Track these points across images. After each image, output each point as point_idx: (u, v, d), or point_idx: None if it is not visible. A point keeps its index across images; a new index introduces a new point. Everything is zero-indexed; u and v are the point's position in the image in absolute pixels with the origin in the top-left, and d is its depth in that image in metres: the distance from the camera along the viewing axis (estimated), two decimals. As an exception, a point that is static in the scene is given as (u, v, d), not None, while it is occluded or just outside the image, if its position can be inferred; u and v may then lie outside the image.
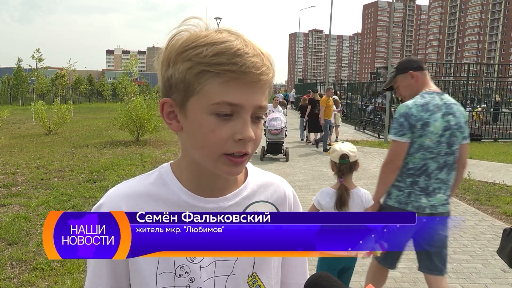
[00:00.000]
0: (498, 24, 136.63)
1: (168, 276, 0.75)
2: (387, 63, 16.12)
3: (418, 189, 2.53)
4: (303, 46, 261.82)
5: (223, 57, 0.66)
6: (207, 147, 0.70)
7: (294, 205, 0.90)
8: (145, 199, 0.77)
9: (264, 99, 0.72)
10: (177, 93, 0.71)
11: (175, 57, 0.70)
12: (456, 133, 2.48)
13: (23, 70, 37.18)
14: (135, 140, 12.35)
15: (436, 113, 2.45)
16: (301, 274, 0.92)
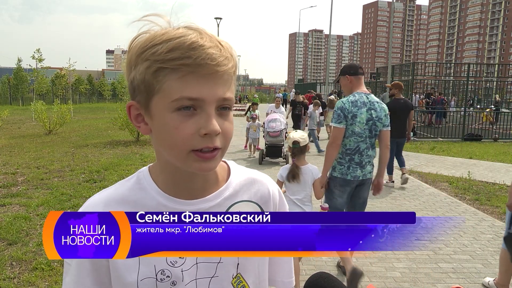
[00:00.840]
0: (498, 24, 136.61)
1: (149, 281, 0.74)
2: (387, 63, 16.11)
3: (354, 164, 3.44)
4: (303, 46, 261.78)
5: (177, 52, 0.66)
6: (175, 146, 0.69)
7: (279, 203, 0.88)
8: (123, 205, 0.76)
9: (227, 90, 0.70)
10: (140, 95, 0.71)
11: (135, 59, 0.70)
12: (376, 123, 3.42)
13: (23, 70, 37.18)
14: (135, 140, 12.36)
15: (362, 108, 3.37)
16: (287, 273, 0.92)
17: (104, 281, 0.76)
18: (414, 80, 14.85)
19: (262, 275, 0.84)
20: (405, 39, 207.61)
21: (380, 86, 18.22)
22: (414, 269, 3.89)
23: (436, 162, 9.86)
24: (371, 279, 3.66)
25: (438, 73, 19.45)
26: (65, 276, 0.77)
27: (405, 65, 16.70)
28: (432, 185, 7.41)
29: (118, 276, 0.75)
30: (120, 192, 0.78)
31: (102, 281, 0.76)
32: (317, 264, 3.91)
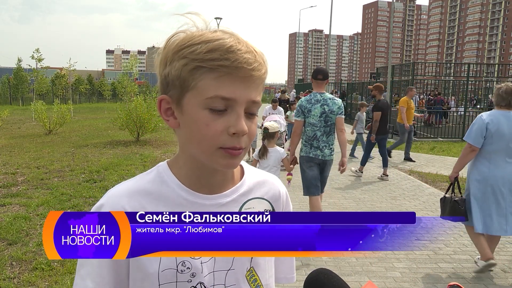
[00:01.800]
0: (498, 24, 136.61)
1: (170, 272, 0.76)
2: (387, 63, 16.11)
3: (314, 147, 4.46)
4: (303, 46, 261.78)
5: (216, 53, 0.69)
6: (203, 141, 0.72)
7: (286, 203, 0.93)
8: (146, 197, 0.78)
9: (258, 94, 0.74)
10: (173, 90, 0.74)
11: (172, 56, 0.73)
12: (329, 115, 4.39)
13: (23, 70, 37.14)
14: (135, 140, 12.35)
15: (315, 104, 4.41)
16: (289, 268, 0.97)
17: (122, 271, 0.77)
18: (414, 80, 14.85)
19: (270, 271, 0.88)
20: (405, 39, 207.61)
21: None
22: (414, 269, 3.89)
23: (436, 162, 9.86)
24: (371, 279, 3.67)
25: (438, 73, 19.46)
26: (81, 269, 0.77)
27: (405, 65, 16.72)
28: (432, 185, 7.41)
29: (139, 266, 0.76)
30: (141, 184, 0.80)
31: (120, 271, 0.77)
32: (317, 264, 3.91)
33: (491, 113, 3.72)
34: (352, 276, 3.70)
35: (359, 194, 6.67)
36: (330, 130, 4.45)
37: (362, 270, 3.83)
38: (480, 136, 3.60)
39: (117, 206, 0.76)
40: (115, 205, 0.76)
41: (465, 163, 3.80)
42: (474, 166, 3.73)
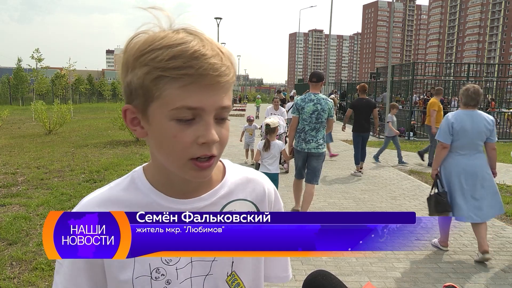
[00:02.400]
0: (498, 24, 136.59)
1: (144, 279, 0.74)
2: (387, 63, 16.11)
3: (301, 140, 5.12)
4: (303, 46, 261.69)
5: (179, 61, 0.65)
6: (172, 153, 0.69)
7: (275, 202, 0.88)
8: (117, 206, 0.76)
9: (227, 99, 0.70)
10: (137, 99, 0.69)
11: (133, 62, 0.68)
12: (321, 113, 5.02)
13: (23, 70, 37.16)
14: (135, 140, 12.35)
15: (308, 103, 5.04)
16: (282, 267, 0.92)
17: (99, 279, 0.76)
18: (414, 80, 14.85)
19: (257, 273, 0.84)
20: (405, 39, 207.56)
21: (380, 86, 18.22)
22: (414, 269, 3.89)
23: (436, 162, 9.85)
24: (371, 279, 3.67)
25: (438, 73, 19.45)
26: (56, 275, 0.76)
27: (405, 65, 16.72)
28: (432, 185, 7.40)
29: (113, 273, 0.74)
30: (113, 193, 0.78)
31: (97, 279, 0.76)
32: (317, 264, 3.91)
33: (456, 113, 4.11)
34: (352, 276, 3.70)
35: (359, 194, 6.67)
36: (320, 127, 5.10)
37: (362, 270, 3.83)
38: (448, 134, 4.00)
39: None
40: None
41: (440, 160, 4.16)
42: (445, 164, 4.13)
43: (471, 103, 4.03)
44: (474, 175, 3.96)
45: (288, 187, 6.58)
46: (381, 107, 18.13)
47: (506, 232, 4.98)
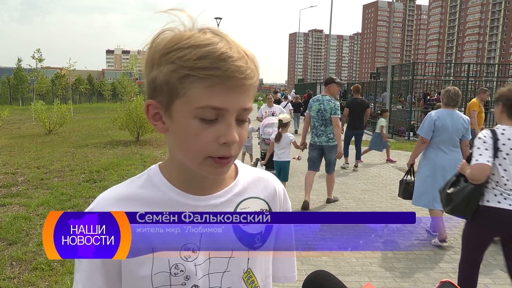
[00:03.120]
0: (498, 24, 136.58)
1: (163, 275, 0.74)
2: (387, 63, 16.11)
3: (314, 134, 5.86)
4: (303, 46, 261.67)
5: (207, 61, 0.66)
6: (192, 150, 0.71)
7: (284, 201, 0.91)
8: (135, 203, 0.76)
9: (249, 101, 0.72)
10: (162, 95, 0.71)
11: (159, 58, 0.69)
12: (323, 112, 5.70)
13: (23, 70, 37.16)
14: (135, 140, 12.35)
15: (315, 102, 5.81)
16: (289, 268, 0.94)
17: (113, 276, 0.76)
18: (414, 80, 14.85)
19: (267, 271, 0.86)
20: (405, 39, 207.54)
21: (380, 86, 18.22)
22: (414, 269, 3.89)
23: (436, 162, 9.84)
24: (371, 279, 3.67)
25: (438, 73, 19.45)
26: (76, 273, 0.77)
27: (405, 65, 16.71)
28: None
29: (131, 270, 0.75)
30: (131, 190, 0.78)
31: (111, 277, 0.76)
32: (317, 264, 3.92)
33: (438, 111, 4.47)
34: (352, 276, 3.70)
35: (359, 194, 6.67)
36: (326, 123, 5.74)
37: (362, 270, 3.83)
38: (430, 130, 4.36)
39: (105, 209, 0.75)
40: (103, 208, 0.75)
41: (418, 152, 4.59)
42: (424, 155, 4.51)
43: (451, 103, 4.37)
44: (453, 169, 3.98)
45: (290, 187, 6.58)
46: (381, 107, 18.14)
47: (506, 232, 4.98)
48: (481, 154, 2.65)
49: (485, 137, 2.68)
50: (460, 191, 2.80)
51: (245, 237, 0.80)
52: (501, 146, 2.65)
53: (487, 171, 2.63)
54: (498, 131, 2.69)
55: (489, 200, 2.70)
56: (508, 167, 2.64)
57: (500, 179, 2.66)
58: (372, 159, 9.88)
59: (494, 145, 2.66)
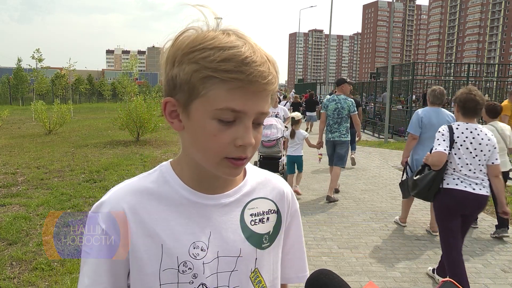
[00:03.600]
0: (498, 24, 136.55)
1: (171, 272, 0.74)
2: (387, 63, 16.10)
3: (328, 131, 6.32)
4: (303, 46, 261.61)
5: (231, 64, 0.66)
6: (209, 151, 0.71)
7: (292, 203, 0.92)
8: (147, 197, 0.77)
9: (267, 105, 0.73)
10: (181, 94, 0.71)
11: (181, 57, 0.70)
12: (341, 110, 6.17)
13: (23, 70, 37.14)
14: (135, 140, 12.35)
15: (331, 102, 6.26)
16: (301, 268, 0.95)
17: (121, 273, 0.76)
18: (414, 80, 14.85)
19: (275, 272, 0.87)
20: (405, 39, 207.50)
21: (380, 86, 18.22)
22: (414, 269, 3.89)
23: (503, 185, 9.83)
24: (371, 279, 3.66)
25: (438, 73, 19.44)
26: (83, 266, 0.76)
27: (405, 65, 16.71)
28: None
29: (140, 266, 0.75)
30: (144, 184, 0.79)
31: (117, 271, 0.76)
32: (317, 264, 3.91)
33: (425, 109, 4.79)
34: (352, 276, 3.70)
35: (359, 194, 6.67)
36: (341, 121, 6.22)
37: (362, 270, 3.83)
38: (418, 127, 4.68)
39: (118, 204, 0.75)
40: (116, 203, 0.75)
41: (410, 149, 4.80)
42: (414, 151, 4.78)
43: (436, 101, 4.73)
44: None
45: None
46: (381, 107, 18.14)
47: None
48: (439, 144, 3.18)
49: (443, 131, 3.23)
50: (424, 177, 3.34)
51: (253, 237, 0.80)
52: (456, 138, 3.19)
53: (444, 158, 3.15)
54: (453, 127, 3.23)
55: (449, 183, 3.22)
56: (461, 156, 3.17)
57: (456, 166, 3.19)
58: (372, 159, 9.88)
59: (450, 137, 3.19)
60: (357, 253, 4.23)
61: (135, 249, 0.74)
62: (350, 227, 5.00)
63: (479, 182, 3.17)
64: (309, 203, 6.11)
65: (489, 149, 3.18)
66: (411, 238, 4.70)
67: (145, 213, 0.75)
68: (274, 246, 0.84)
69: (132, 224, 0.74)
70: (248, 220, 0.81)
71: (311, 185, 7.26)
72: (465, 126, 3.21)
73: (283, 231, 0.88)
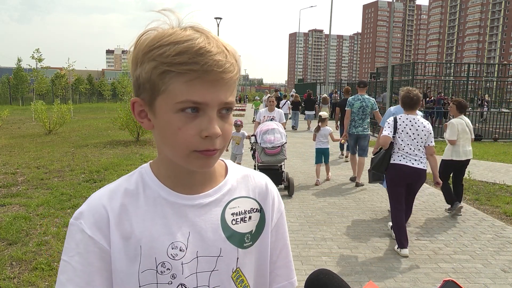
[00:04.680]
0: (498, 24, 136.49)
1: (150, 273, 0.74)
2: (387, 63, 16.10)
3: (352, 126, 7.38)
4: (303, 46, 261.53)
5: (185, 56, 0.67)
6: (177, 145, 0.71)
7: (278, 203, 0.90)
8: (127, 199, 0.77)
9: (230, 95, 0.72)
10: (145, 93, 0.72)
11: (142, 57, 0.71)
12: (365, 107, 7.22)
13: (23, 70, 37.15)
14: (135, 140, 12.35)
15: (357, 101, 7.27)
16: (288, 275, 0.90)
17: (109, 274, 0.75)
18: (414, 80, 14.85)
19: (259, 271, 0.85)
20: (405, 39, 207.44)
21: (380, 86, 18.21)
22: (414, 269, 3.89)
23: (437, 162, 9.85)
24: (371, 279, 3.66)
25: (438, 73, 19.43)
26: (60, 275, 0.73)
27: (405, 65, 16.69)
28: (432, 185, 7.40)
29: (119, 267, 0.74)
30: (124, 186, 0.79)
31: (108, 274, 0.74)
32: (317, 264, 3.91)
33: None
34: (352, 276, 3.70)
35: (359, 194, 6.67)
36: (365, 117, 7.28)
37: (362, 270, 3.83)
38: None
39: (101, 208, 0.75)
40: (99, 207, 0.75)
41: None
42: None
43: None
44: None
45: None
46: (381, 107, 18.13)
47: (506, 232, 4.98)
48: (385, 130, 4.35)
49: (390, 121, 4.36)
50: (378, 155, 4.49)
51: (235, 236, 0.79)
52: (399, 126, 4.33)
53: (388, 140, 4.28)
54: (397, 117, 4.39)
55: (394, 160, 4.32)
56: (403, 139, 4.28)
57: (400, 146, 4.29)
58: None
59: (395, 125, 4.33)
60: (357, 253, 4.23)
61: (115, 251, 0.73)
62: (350, 227, 5.00)
63: (418, 158, 4.24)
64: (309, 203, 6.10)
65: (425, 134, 4.28)
66: (411, 238, 4.70)
67: (125, 215, 0.75)
68: (257, 245, 0.83)
69: (114, 227, 0.74)
70: (230, 219, 0.80)
71: (310, 186, 7.25)
72: (406, 117, 4.34)
73: (268, 230, 0.86)
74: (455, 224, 5.24)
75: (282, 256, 0.89)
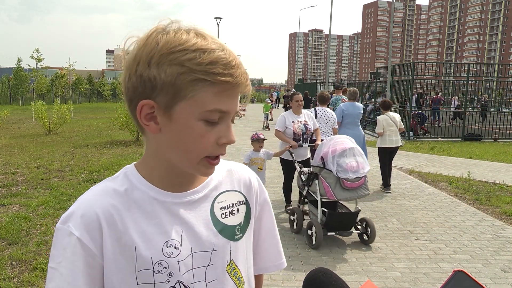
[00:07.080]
0: (498, 24, 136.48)
1: (146, 273, 0.74)
2: (387, 63, 16.10)
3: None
4: (303, 46, 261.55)
5: (219, 68, 0.68)
6: (193, 151, 0.72)
7: (260, 192, 0.93)
8: (117, 200, 0.76)
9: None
10: (162, 96, 0.69)
11: (159, 58, 0.68)
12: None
13: (23, 70, 37.14)
14: (135, 140, 12.35)
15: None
16: (276, 256, 0.96)
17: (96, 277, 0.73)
18: (414, 80, 14.85)
19: (249, 261, 0.88)
20: (405, 39, 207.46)
21: (380, 86, 18.22)
22: (414, 269, 3.89)
23: (436, 162, 9.86)
24: (371, 279, 3.66)
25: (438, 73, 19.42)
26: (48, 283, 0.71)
27: (405, 65, 16.69)
28: (432, 185, 7.41)
29: (116, 268, 0.73)
30: (112, 187, 0.78)
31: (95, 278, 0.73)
32: (317, 263, 3.91)
33: (346, 103, 7.17)
34: (352, 276, 3.70)
35: (359, 194, 6.66)
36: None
37: (362, 270, 3.83)
38: (340, 116, 6.95)
39: (91, 209, 0.73)
40: (88, 209, 0.73)
41: (336, 132, 6.51)
42: (342, 132, 6.56)
43: (351, 98, 7.21)
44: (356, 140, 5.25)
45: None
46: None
47: (506, 232, 4.98)
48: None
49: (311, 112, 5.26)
50: None
51: (226, 230, 0.81)
52: (318, 114, 6.30)
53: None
54: (317, 109, 6.42)
55: None
56: (321, 123, 6.17)
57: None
58: (371, 159, 9.86)
59: (315, 114, 6.18)
60: (357, 253, 4.23)
61: (109, 253, 0.73)
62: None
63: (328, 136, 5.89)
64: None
65: (331, 120, 6.38)
66: (411, 238, 4.70)
67: (117, 216, 0.74)
68: (246, 236, 0.86)
69: (106, 228, 0.73)
70: (219, 213, 0.82)
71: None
72: (322, 108, 6.39)
73: (253, 221, 0.89)
74: (455, 224, 5.24)
75: (268, 239, 0.94)
